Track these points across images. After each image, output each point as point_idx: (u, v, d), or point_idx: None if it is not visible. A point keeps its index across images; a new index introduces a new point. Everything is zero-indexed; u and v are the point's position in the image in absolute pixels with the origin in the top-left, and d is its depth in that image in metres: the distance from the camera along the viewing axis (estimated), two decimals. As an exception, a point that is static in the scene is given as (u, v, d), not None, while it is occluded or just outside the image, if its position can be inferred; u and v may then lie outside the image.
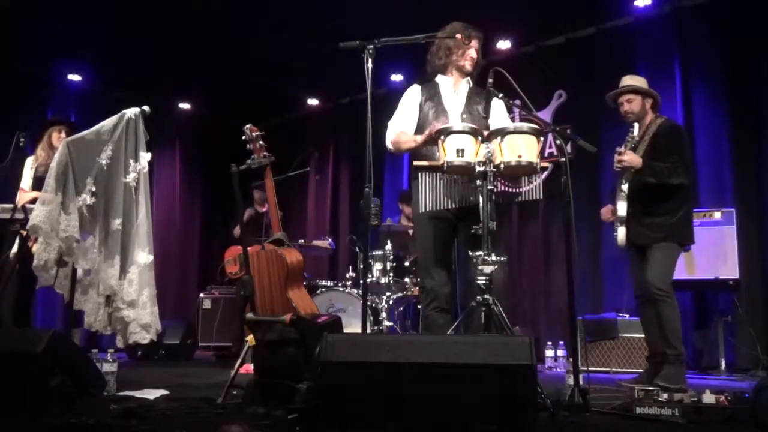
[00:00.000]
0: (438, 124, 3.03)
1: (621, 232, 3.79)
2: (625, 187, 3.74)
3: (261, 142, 3.66)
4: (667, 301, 3.58)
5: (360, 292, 4.43)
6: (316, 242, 5.95)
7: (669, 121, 3.89)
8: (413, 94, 3.42)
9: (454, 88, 3.38)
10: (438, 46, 3.39)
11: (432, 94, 3.37)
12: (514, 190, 3.07)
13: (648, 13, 5.51)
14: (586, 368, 4.02)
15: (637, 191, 3.71)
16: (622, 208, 3.76)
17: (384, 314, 5.17)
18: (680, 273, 4.19)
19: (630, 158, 3.64)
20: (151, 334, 3.28)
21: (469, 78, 3.40)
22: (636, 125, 3.75)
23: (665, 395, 2.59)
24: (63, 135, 4.29)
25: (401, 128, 3.35)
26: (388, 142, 3.40)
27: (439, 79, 3.41)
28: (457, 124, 3.02)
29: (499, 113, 3.32)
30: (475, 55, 3.38)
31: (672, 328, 3.57)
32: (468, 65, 3.36)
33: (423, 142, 3.16)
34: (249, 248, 5.83)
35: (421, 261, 3.36)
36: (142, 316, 3.26)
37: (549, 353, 5.01)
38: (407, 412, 2.11)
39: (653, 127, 3.78)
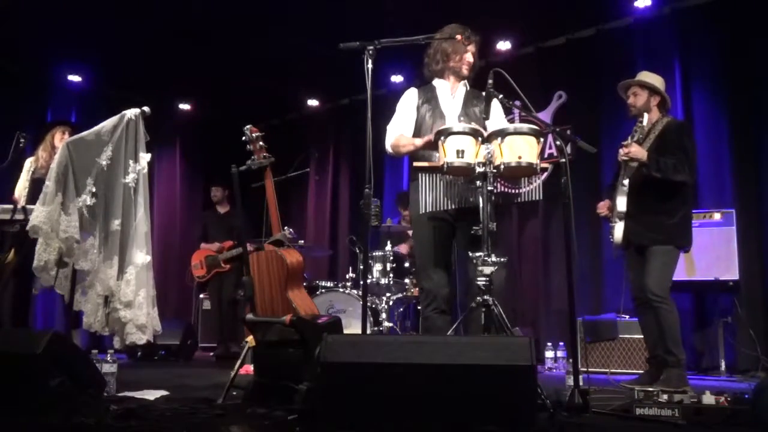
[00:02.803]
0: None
1: (618, 229, 3.75)
2: (626, 182, 3.72)
3: (261, 143, 3.66)
4: (665, 307, 3.56)
5: (360, 292, 4.43)
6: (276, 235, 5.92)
7: (677, 120, 3.88)
8: (410, 98, 3.42)
9: (451, 92, 3.38)
10: (435, 50, 3.39)
11: (429, 98, 3.37)
12: (514, 191, 3.07)
13: (648, 13, 5.51)
14: (585, 369, 4.02)
15: (639, 186, 3.68)
16: (621, 203, 3.72)
17: (384, 315, 5.17)
18: (680, 274, 4.18)
19: (636, 150, 3.61)
20: (147, 335, 3.28)
21: (465, 81, 3.40)
22: (646, 116, 3.70)
23: (665, 396, 2.59)
24: (66, 136, 4.28)
25: (400, 131, 3.36)
26: (388, 146, 3.41)
27: (436, 82, 3.42)
28: (457, 125, 3.03)
29: (497, 115, 3.32)
30: (472, 59, 3.38)
31: (671, 334, 3.55)
32: (465, 69, 3.37)
33: (422, 147, 3.17)
34: (212, 249, 5.89)
35: (419, 262, 3.37)
36: (138, 317, 3.25)
37: (549, 354, 5.01)
38: (407, 413, 2.11)
39: (660, 125, 3.77)
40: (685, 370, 3.63)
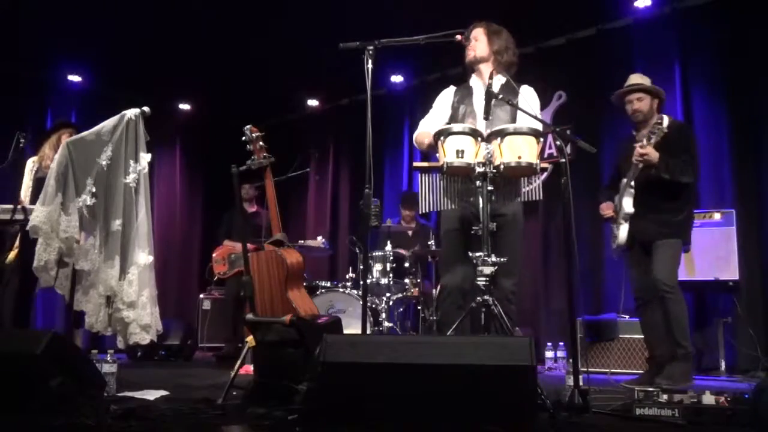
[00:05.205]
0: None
1: (623, 230, 3.76)
2: (632, 182, 3.71)
3: (261, 143, 3.66)
4: (675, 298, 3.57)
5: (360, 292, 4.43)
6: (309, 242, 5.88)
7: (677, 121, 3.87)
8: (446, 95, 3.46)
9: (484, 87, 3.33)
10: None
11: (464, 95, 3.39)
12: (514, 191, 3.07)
13: (648, 13, 5.51)
14: (586, 369, 4.02)
15: (645, 187, 3.68)
16: (628, 204, 3.73)
17: (384, 315, 5.17)
18: (680, 274, 4.17)
19: (651, 152, 3.59)
20: (150, 334, 3.29)
21: (499, 75, 3.32)
22: (666, 119, 3.62)
23: (665, 396, 2.59)
24: None
25: (427, 128, 3.37)
26: (414, 140, 3.46)
27: (473, 80, 3.42)
28: (456, 125, 3.02)
29: (526, 109, 3.25)
30: (473, 44, 3.33)
31: (680, 326, 3.56)
32: (467, 57, 3.36)
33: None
34: (236, 248, 5.83)
35: (441, 258, 3.40)
36: (141, 317, 3.26)
37: (549, 354, 5.01)
38: (407, 413, 2.11)
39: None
40: (692, 365, 3.63)
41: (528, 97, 3.29)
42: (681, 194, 3.68)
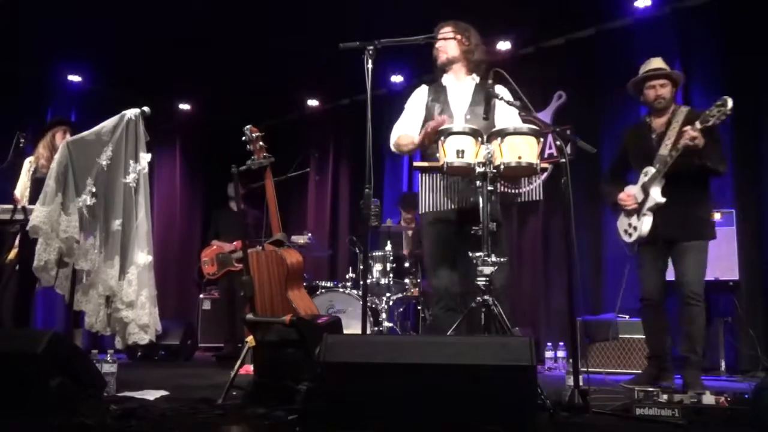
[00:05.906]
0: (433, 123, 3.04)
1: (647, 222, 3.58)
2: (660, 172, 3.53)
3: (261, 143, 3.66)
4: (700, 306, 3.52)
5: (360, 293, 4.43)
6: (293, 237, 5.82)
7: (696, 110, 3.65)
8: (420, 95, 3.43)
9: (459, 87, 3.36)
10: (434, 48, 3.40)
11: (438, 95, 3.37)
12: (514, 191, 3.07)
13: (648, 13, 5.52)
14: (586, 369, 4.02)
15: (676, 176, 3.51)
16: (657, 193, 3.54)
17: (384, 315, 5.17)
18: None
19: (700, 137, 3.37)
20: (149, 334, 3.29)
21: (474, 75, 3.36)
22: (729, 100, 3.34)
23: (665, 396, 2.60)
24: (67, 136, 4.27)
25: (404, 130, 3.36)
26: (391, 144, 3.42)
27: (446, 79, 3.41)
28: (457, 125, 3.03)
29: (504, 112, 3.28)
30: (443, 45, 3.34)
31: (701, 334, 3.51)
32: (439, 59, 3.36)
33: (420, 143, 3.17)
34: (224, 247, 5.83)
35: (427, 261, 3.38)
36: (140, 317, 3.26)
37: (549, 354, 5.01)
38: (407, 413, 2.11)
39: (680, 115, 3.61)
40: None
41: (504, 96, 3.27)
42: (706, 186, 3.61)
